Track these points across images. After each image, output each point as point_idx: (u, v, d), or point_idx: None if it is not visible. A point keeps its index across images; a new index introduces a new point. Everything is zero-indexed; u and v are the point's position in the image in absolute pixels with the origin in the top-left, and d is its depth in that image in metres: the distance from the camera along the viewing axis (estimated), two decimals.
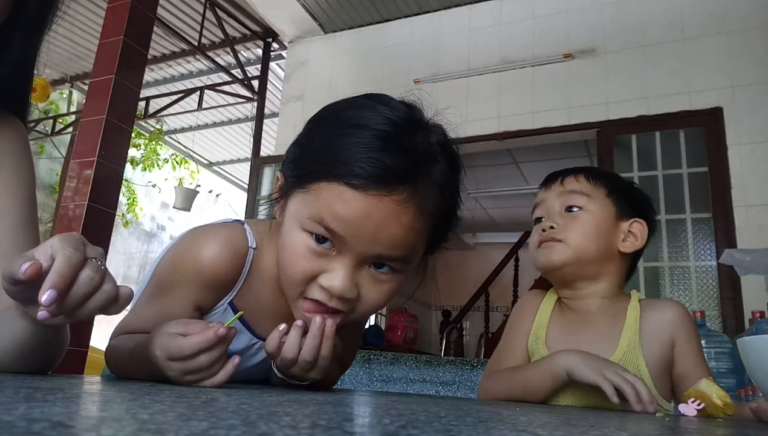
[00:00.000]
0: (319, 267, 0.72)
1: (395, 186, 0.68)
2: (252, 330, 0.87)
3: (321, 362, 0.74)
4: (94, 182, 2.61)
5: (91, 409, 0.33)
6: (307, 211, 0.71)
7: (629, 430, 0.49)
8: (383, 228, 0.69)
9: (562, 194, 1.15)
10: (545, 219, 1.15)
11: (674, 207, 3.39)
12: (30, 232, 0.80)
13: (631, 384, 0.88)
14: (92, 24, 5.09)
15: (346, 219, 0.69)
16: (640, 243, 1.13)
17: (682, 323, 1.08)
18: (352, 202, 0.68)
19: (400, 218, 0.69)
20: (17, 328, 0.63)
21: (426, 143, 0.73)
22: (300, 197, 0.73)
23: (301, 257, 0.72)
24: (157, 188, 7.98)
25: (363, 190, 0.68)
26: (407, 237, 0.71)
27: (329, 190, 0.69)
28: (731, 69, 3.41)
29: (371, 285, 0.74)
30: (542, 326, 1.15)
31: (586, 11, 3.91)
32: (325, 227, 0.70)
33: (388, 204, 0.68)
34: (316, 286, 0.73)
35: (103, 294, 0.57)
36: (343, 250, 0.71)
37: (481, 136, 4.01)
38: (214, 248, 0.80)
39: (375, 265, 0.73)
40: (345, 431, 0.32)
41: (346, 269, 0.71)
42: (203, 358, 0.63)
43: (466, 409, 0.58)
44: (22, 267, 0.53)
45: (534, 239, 1.16)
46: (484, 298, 6.94)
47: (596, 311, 1.12)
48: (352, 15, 4.61)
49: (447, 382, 2.75)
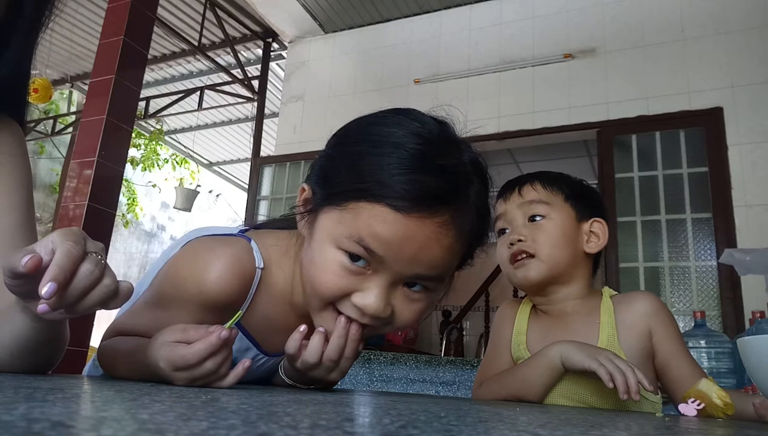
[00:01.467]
0: (352, 285, 0.71)
1: (438, 208, 0.68)
2: (258, 346, 0.85)
3: (344, 363, 0.74)
4: (94, 182, 2.62)
5: (91, 409, 0.33)
6: (345, 230, 0.69)
7: (629, 430, 0.49)
8: (424, 250, 0.69)
9: (522, 205, 1.16)
10: (509, 231, 1.16)
11: (674, 207, 3.39)
12: (28, 234, 0.80)
13: (622, 372, 0.89)
14: (92, 24, 5.09)
15: (387, 241, 0.67)
16: (603, 242, 1.16)
17: (655, 312, 1.09)
18: (394, 224, 0.67)
19: (441, 240, 0.69)
20: (18, 324, 0.63)
21: (461, 163, 0.72)
22: (335, 215, 0.71)
23: (334, 275, 0.71)
24: (157, 188, 7.98)
25: (406, 212, 0.66)
26: (445, 258, 0.71)
27: (370, 210, 0.68)
28: (731, 69, 3.41)
29: (404, 304, 0.73)
30: (521, 333, 1.17)
31: (586, 11, 3.91)
32: (365, 248, 0.68)
33: (430, 226, 0.68)
34: (348, 303, 0.72)
35: (103, 288, 0.57)
36: (380, 269, 0.70)
37: (481, 136, 4.01)
38: (218, 270, 0.76)
39: (408, 284, 0.72)
40: (345, 431, 0.32)
41: (381, 289, 0.70)
42: (209, 364, 0.62)
43: (466, 409, 0.58)
44: (23, 260, 0.53)
45: (503, 253, 1.17)
46: (484, 298, 6.94)
47: (571, 312, 1.14)
48: (352, 15, 4.61)
49: (447, 382, 2.75)
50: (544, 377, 1.01)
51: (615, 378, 0.88)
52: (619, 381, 0.87)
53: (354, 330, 0.73)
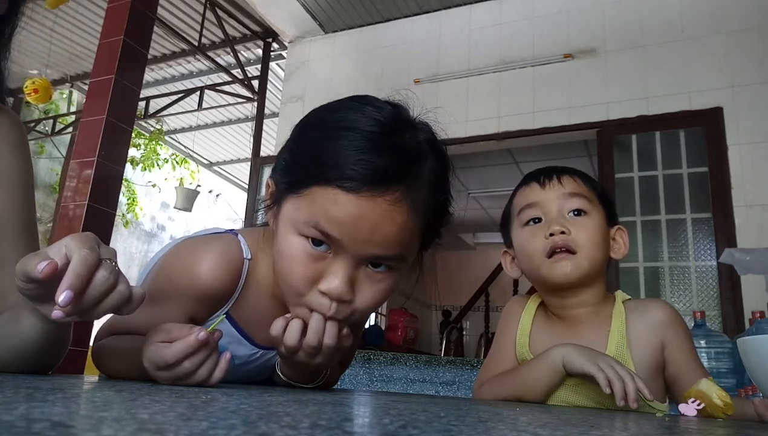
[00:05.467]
0: (317, 271, 0.72)
1: (387, 186, 0.69)
2: (252, 341, 0.86)
3: (326, 349, 0.74)
4: (94, 182, 2.62)
5: (91, 409, 0.33)
6: (302, 216, 0.72)
7: (629, 430, 0.49)
8: (378, 229, 0.70)
9: (563, 196, 1.08)
10: (545, 221, 1.08)
11: (674, 207, 3.39)
12: (30, 235, 0.81)
13: (621, 379, 0.87)
14: (92, 24, 5.09)
15: (340, 222, 0.69)
16: (625, 251, 1.11)
17: (669, 323, 1.05)
18: (345, 205, 0.69)
19: (394, 218, 0.70)
20: (25, 325, 0.63)
21: (414, 142, 0.74)
22: (294, 203, 0.74)
23: (298, 262, 0.73)
24: (157, 188, 7.98)
25: (355, 192, 0.68)
26: (401, 236, 0.72)
27: (322, 194, 0.70)
28: (731, 69, 3.41)
29: (369, 284, 0.74)
30: (525, 334, 1.12)
31: (586, 11, 3.91)
32: (321, 231, 0.70)
33: (381, 205, 0.69)
34: (316, 294, 0.73)
35: (117, 295, 0.58)
36: (340, 252, 0.71)
37: (481, 136, 4.01)
38: (209, 262, 0.80)
39: (372, 264, 0.74)
40: (345, 431, 0.32)
41: (343, 271, 0.72)
42: (188, 364, 0.62)
43: (466, 409, 0.58)
44: (39, 266, 0.53)
45: (537, 244, 1.07)
46: (484, 298, 6.94)
47: (584, 319, 1.09)
48: (352, 15, 4.61)
49: (447, 382, 2.75)
50: (545, 379, 0.98)
51: (613, 384, 0.86)
52: (617, 387, 0.85)
53: (331, 320, 0.73)
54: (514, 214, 1.15)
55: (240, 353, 0.85)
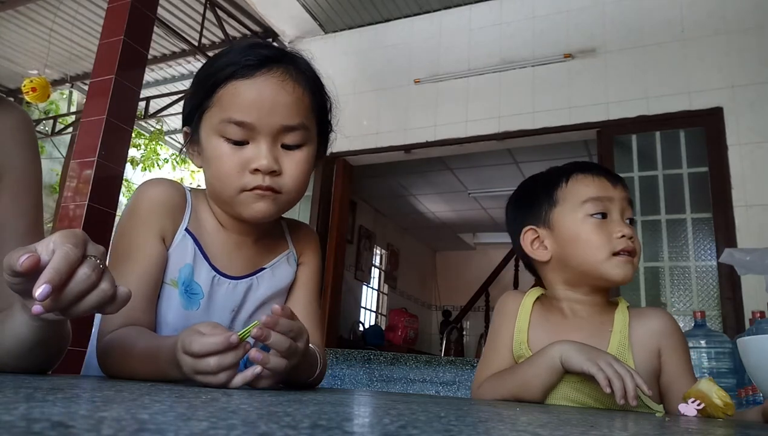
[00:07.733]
0: (243, 158, 0.86)
1: (272, 66, 0.87)
2: (212, 265, 0.94)
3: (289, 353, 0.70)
4: (94, 182, 2.62)
5: (91, 409, 0.33)
6: (217, 118, 0.86)
7: (629, 430, 0.49)
8: (276, 101, 0.85)
9: (625, 201, 1.12)
10: (612, 220, 1.09)
11: (674, 207, 3.39)
12: (36, 237, 0.81)
13: (621, 376, 0.87)
14: (92, 24, 5.09)
15: (248, 105, 0.85)
16: None
17: (668, 332, 1.07)
18: (246, 89, 0.85)
19: (286, 89, 0.86)
20: (17, 322, 0.63)
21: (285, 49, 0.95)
22: (207, 118, 0.88)
23: (226, 157, 0.86)
24: None
25: (250, 76, 0.85)
26: (297, 106, 0.88)
27: (226, 91, 0.86)
28: (731, 69, 3.41)
29: (288, 158, 0.88)
30: (522, 331, 1.12)
31: (586, 11, 3.91)
32: (235, 122, 0.85)
33: (272, 79, 0.86)
34: (248, 175, 0.86)
35: (99, 293, 0.57)
36: (256, 136, 0.86)
37: (481, 136, 4.01)
38: (155, 182, 0.95)
39: (285, 148, 0.88)
40: (345, 431, 0.32)
41: (266, 147, 0.86)
42: (212, 360, 0.63)
43: (466, 409, 0.58)
44: (21, 259, 0.54)
45: (601, 239, 1.08)
46: (484, 298, 6.94)
47: (586, 317, 1.11)
48: (352, 15, 4.61)
49: (447, 382, 2.75)
50: (544, 377, 0.98)
51: (613, 383, 0.86)
52: (617, 386, 0.85)
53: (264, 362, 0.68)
54: (569, 198, 1.13)
55: (202, 275, 0.92)
